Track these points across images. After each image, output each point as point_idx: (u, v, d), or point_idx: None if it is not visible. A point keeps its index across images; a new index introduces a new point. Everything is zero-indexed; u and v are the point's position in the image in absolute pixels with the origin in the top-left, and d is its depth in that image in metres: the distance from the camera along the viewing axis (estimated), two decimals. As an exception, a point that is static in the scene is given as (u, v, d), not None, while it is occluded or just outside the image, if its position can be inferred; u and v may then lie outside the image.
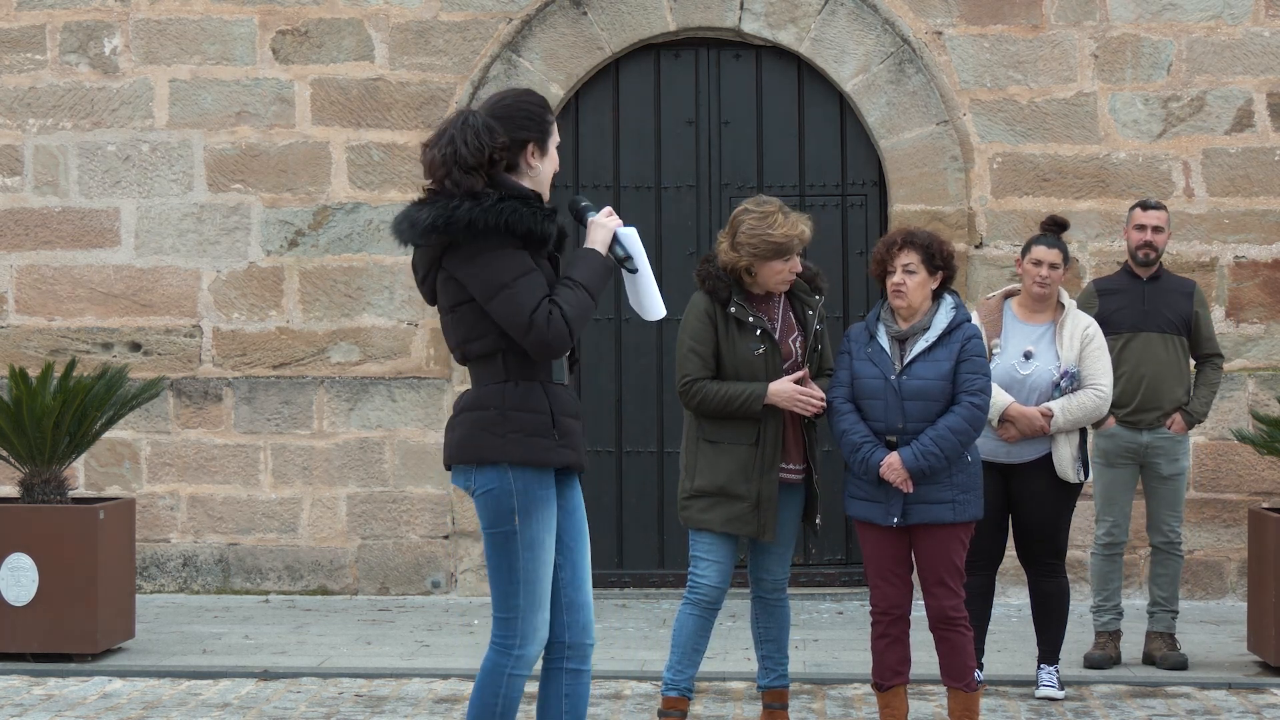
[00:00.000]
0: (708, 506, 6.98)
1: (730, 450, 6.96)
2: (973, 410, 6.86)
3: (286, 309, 11.14)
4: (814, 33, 10.99)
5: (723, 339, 6.99)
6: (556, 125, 5.49)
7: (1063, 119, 10.92)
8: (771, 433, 6.96)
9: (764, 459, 6.96)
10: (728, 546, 7.05)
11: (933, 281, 6.97)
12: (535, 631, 5.36)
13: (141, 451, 11.13)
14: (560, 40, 11.04)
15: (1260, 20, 10.88)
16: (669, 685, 7.12)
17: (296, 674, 8.66)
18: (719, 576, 7.04)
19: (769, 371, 6.97)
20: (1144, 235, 8.97)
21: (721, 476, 6.94)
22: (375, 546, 11.06)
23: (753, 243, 6.93)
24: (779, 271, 6.99)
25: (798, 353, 7.05)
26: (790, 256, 6.97)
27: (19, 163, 11.21)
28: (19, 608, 8.85)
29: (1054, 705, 8.03)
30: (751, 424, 6.95)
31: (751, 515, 6.95)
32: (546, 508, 5.35)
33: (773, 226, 6.94)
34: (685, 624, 7.10)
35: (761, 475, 6.95)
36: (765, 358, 6.97)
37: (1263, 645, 8.72)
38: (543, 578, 5.34)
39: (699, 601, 7.06)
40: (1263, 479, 10.76)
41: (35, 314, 11.21)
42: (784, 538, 7.13)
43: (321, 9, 11.12)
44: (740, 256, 6.96)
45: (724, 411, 6.94)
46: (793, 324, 7.10)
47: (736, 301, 6.98)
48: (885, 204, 11.08)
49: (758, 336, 6.98)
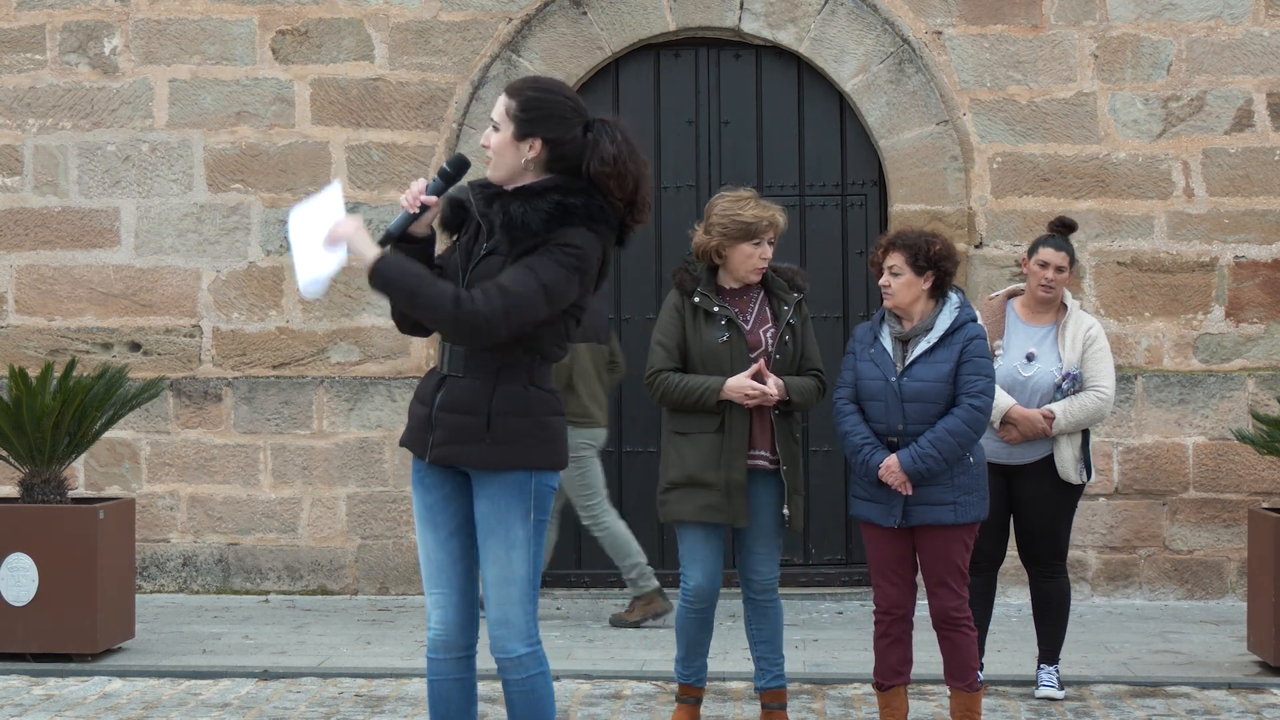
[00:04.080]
0: (681, 497, 7.07)
1: (697, 439, 7.05)
2: (972, 412, 6.85)
3: (286, 309, 11.13)
4: (814, 32, 10.99)
5: (690, 330, 7.11)
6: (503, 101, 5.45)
7: (1063, 119, 10.92)
8: (737, 421, 7.04)
9: (730, 446, 7.03)
10: (711, 544, 7.11)
11: (923, 282, 6.96)
12: (429, 613, 5.45)
13: (141, 451, 11.13)
14: (560, 40, 11.05)
15: (1260, 20, 10.88)
16: (681, 675, 7.27)
17: (296, 674, 8.66)
18: (704, 576, 7.11)
19: (734, 359, 7.05)
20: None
21: (690, 466, 7.04)
22: (375, 546, 11.05)
23: (723, 223, 7.07)
24: (749, 256, 7.08)
25: (768, 343, 7.10)
26: (760, 240, 7.08)
27: (19, 163, 11.21)
28: (19, 608, 8.84)
29: (1054, 705, 8.03)
30: (714, 413, 7.04)
31: (724, 503, 7.02)
32: (414, 491, 5.49)
33: (744, 209, 7.09)
34: (685, 623, 7.21)
35: (729, 462, 7.03)
36: (730, 345, 7.06)
37: (1263, 645, 8.72)
38: (421, 560, 5.46)
39: (690, 604, 7.16)
40: (1263, 479, 10.76)
41: (35, 314, 11.21)
42: (766, 535, 7.15)
43: (321, 9, 11.12)
44: (711, 238, 7.10)
45: (684, 404, 7.06)
46: (767, 317, 7.18)
47: (701, 292, 7.11)
48: (885, 204, 11.08)
49: (722, 325, 7.08)
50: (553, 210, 5.28)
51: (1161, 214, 10.89)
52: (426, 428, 5.39)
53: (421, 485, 5.46)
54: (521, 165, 5.35)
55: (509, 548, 5.35)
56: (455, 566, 5.44)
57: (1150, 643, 9.48)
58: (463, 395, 5.36)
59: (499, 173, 5.38)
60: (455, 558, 5.44)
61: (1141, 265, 10.90)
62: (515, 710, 5.44)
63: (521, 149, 5.34)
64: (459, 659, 5.46)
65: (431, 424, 5.38)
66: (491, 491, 5.35)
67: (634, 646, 9.38)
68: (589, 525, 10.11)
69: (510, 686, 5.42)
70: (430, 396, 5.41)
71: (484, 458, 5.32)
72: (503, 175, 5.37)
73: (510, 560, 5.35)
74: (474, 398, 5.34)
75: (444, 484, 5.44)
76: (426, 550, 5.45)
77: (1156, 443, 10.87)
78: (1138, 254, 10.90)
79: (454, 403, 5.35)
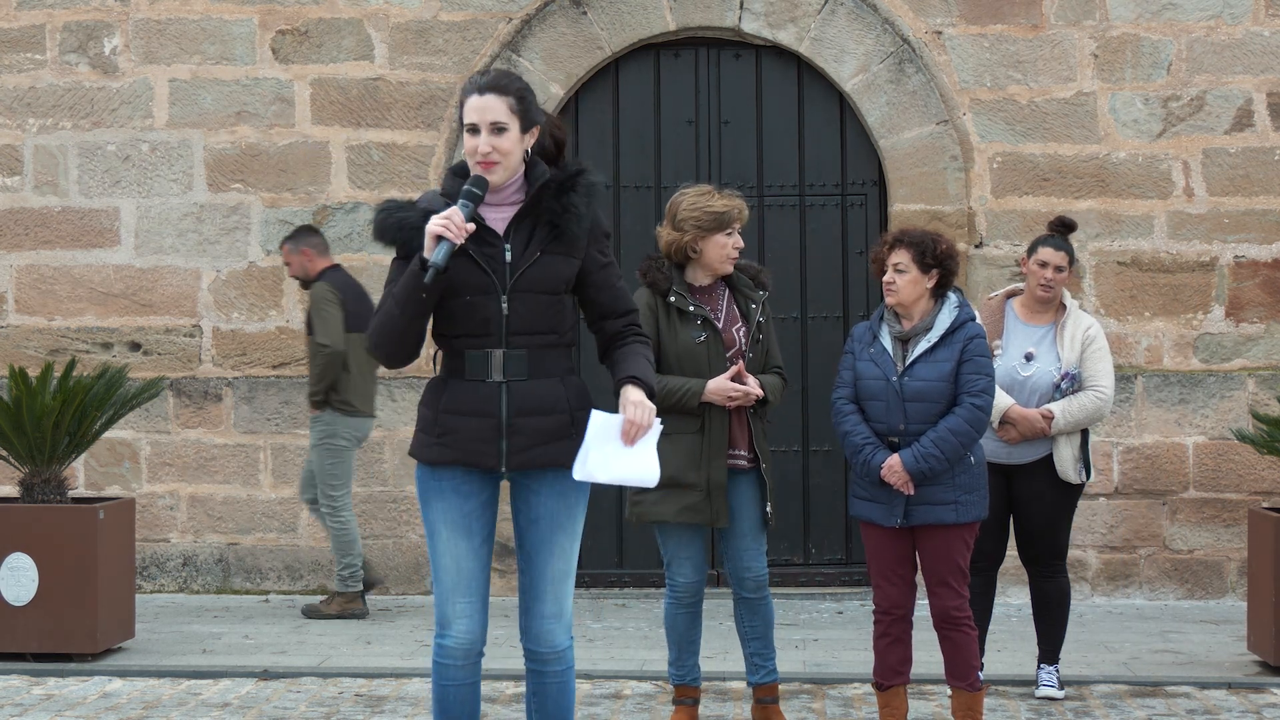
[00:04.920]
0: (660, 499, 7.05)
1: (677, 440, 6.99)
2: (974, 411, 6.85)
3: (286, 309, 11.14)
4: (814, 32, 10.99)
5: (664, 330, 7.09)
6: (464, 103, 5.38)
7: (1063, 119, 10.92)
8: (717, 420, 7.05)
9: (711, 446, 7.03)
10: (697, 540, 7.14)
11: (927, 280, 6.97)
12: (450, 621, 5.38)
13: (141, 451, 11.13)
14: (560, 40, 11.05)
15: (1260, 20, 10.88)
16: (675, 677, 7.26)
17: (296, 674, 8.66)
18: (694, 571, 7.14)
19: (710, 359, 7.05)
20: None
21: (671, 466, 6.98)
22: (375, 546, 11.05)
23: (694, 216, 7.07)
24: (723, 246, 7.10)
25: (742, 341, 7.11)
26: (731, 230, 7.10)
27: (19, 163, 11.21)
28: (19, 608, 8.85)
29: (1054, 705, 8.03)
30: (694, 414, 7.04)
31: (704, 503, 7.02)
32: (440, 499, 5.37)
33: (711, 200, 7.11)
34: (674, 622, 7.22)
35: (710, 462, 7.03)
36: (707, 345, 7.06)
37: (1263, 645, 8.72)
38: (445, 568, 5.37)
39: (680, 600, 7.17)
40: (1263, 479, 10.76)
41: (35, 314, 11.21)
42: (752, 531, 7.17)
43: (321, 9, 11.12)
44: (684, 234, 7.08)
45: (663, 405, 6.98)
46: (736, 316, 7.19)
47: (676, 291, 7.08)
48: (885, 204, 11.08)
49: (699, 325, 7.07)
50: (589, 193, 5.34)
51: (1161, 214, 10.89)
52: (495, 437, 5.31)
53: (457, 494, 5.37)
54: (523, 159, 5.36)
55: (572, 541, 5.39)
56: (483, 574, 5.42)
57: (1150, 642, 9.48)
58: (540, 398, 5.32)
59: (505, 173, 5.33)
60: (484, 565, 5.42)
61: (1141, 265, 10.90)
62: (549, 702, 5.43)
63: (526, 141, 5.36)
64: (474, 664, 5.46)
65: (502, 432, 5.31)
66: (563, 487, 5.36)
67: (634, 646, 9.38)
68: (326, 514, 10.28)
69: (548, 679, 5.43)
70: (492, 406, 5.29)
71: (571, 454, 5.31)
72: (507, 176, 5.34)
73: (571, 553, 5.40)
74: (552, 398, 5.31)
75: (484, 490, 5.40)
76: (456, 559, 5.37)
77: (1156, 442, 10.87)
78: (1138, 254, 10.91)
79: (532, 407, 5.29)
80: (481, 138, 5.28)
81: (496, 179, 5.31)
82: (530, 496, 5.39)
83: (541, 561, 5.38)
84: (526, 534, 5.39)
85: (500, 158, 5.29)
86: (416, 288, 5.21)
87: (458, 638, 5.38)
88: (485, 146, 5.28)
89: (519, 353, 5.30)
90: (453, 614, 5.38)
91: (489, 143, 5.28)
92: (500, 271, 5.29)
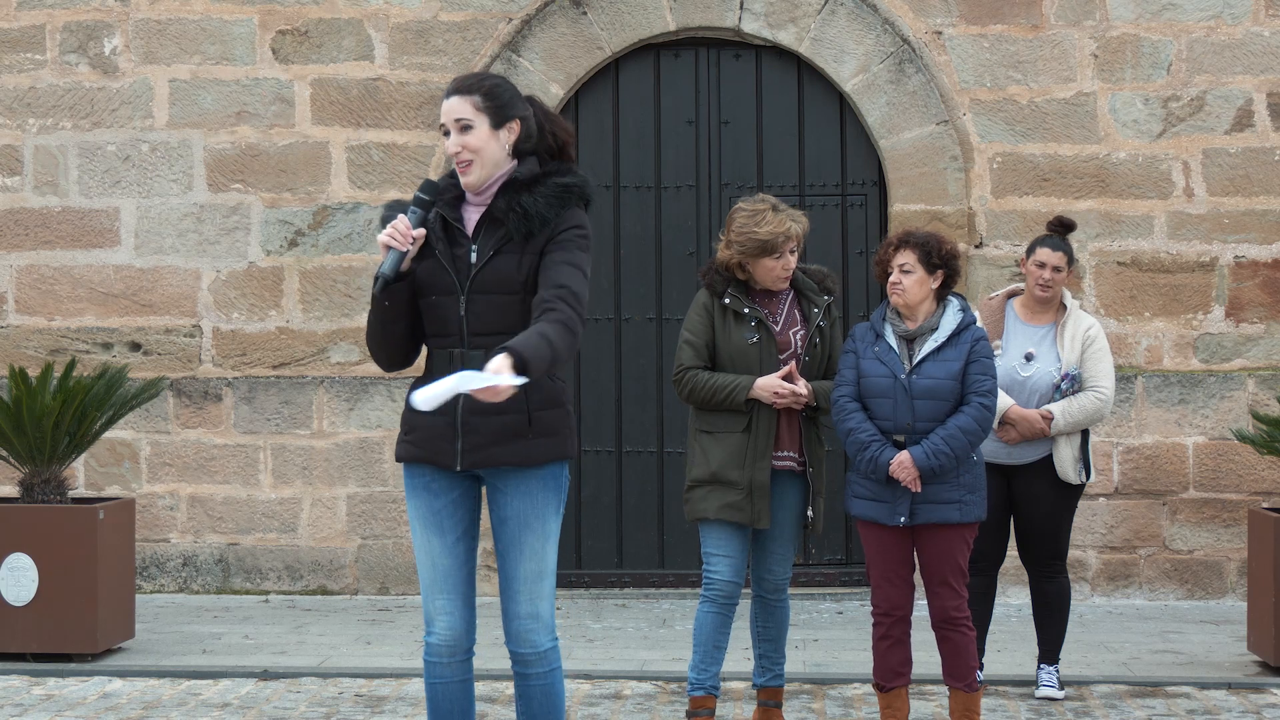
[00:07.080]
0: (704, 495, 7.06)
1: (723, 439, 7.04)
2: (982, 410, 6.87)
3: (286, 309, 11.14)
4: (814, 33, 10.99)
5: (719, 330, 7.10)
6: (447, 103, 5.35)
7: (1063, 119, 10.92)
8: (764, 421, 7.03)
9: (755, 446, 7.02)
10: (737, 540, 7.08)
11: (932, 280, 6.98)
12: (431, 618, 5.42)
13: (141, 451, 11.13)
14: (560, 40, 11.05)
15: (1260, 20, 10.88)
16: (694, 685, 7.16)
17: (296, 674, 8.66)
18: (732, 571, 7.08)
19: (763, 359, 7.05)
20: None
21: (714, 464, 7.03)
22: (375, 546, 11.06)
23: (741, 240, 7.06)
24: (771, 269, 7.09)
25: (797, 344, 7.10)
26: (780, 254, 7.06)
27: (19, 163, 11.21)
28: (19, 608, 8.85)
29: (1054, 705, 8.03)
30: (742, 413, 7.02)
31: (745, 502, 7.00)
32: (414, 497, 5.42)
33: (760, 224, 7.04)
34: (704, 622, 7.13)
35: (753, 462, 7.01)
36: (760, 346, 7.06)
37: (1263, 645, 8.72)
38: (423, 565, 5.41)
39: (714, 598, 7.09)
40: (1263, 479, 10.76)
41: (35, 314, 11.21)
42: (785, 535, 7.15)
43: (321, 9, 11.12)
44: (733, 254, 7.09)
45: (711, 401, 7.04)
46: (797, 319, 7.17)
47: (732, 294, 7.10)
48: (885, 204, 11.08)
49: (752, 326, 7.07)
50: (557, 194, 5.30)
51: (1161, 214, 10.89)
52: (450, 436, 5.32)
53: (428, 491, 5.40)
54: (504, 155, 5.33)
55: (544, 541, 5.37)
56: (461, 571, 5.42)
57: (1150, 643, 9.48)
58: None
59: (484, 171, 5.31)
60: (461, 562, 5.43)
61: (1141, 265, 10.90)
62: (533, 705, 5.42)
63: (502, 137, 5.32)
64: (462, 661, 5.46)
65: (457, 431, 5.31)
66: (528, 487, 5.35)
67: (634, 646, 9.38)
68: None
69: (530, 681, 5.42)
70: (447, 405, 5.23)
71: (528, 454, 5.30)
72: (486, 174, 5.32)
73: (544, 554, 5.37)
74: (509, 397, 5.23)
75: (454, 488, 5.41)
76: (431, 556, 5.41)
77: (1156, 443, 10.87)
78: (1138, 254, 10.91)
79: (486, 406, 5.23)
80: (451, 138, 5.32)
81: (472, 179, 5.32)
82: (498, 496, 5.38)
83: (512, 562, 5.38)
84: (498, 534, 5.40)
85: (471, 155, 5.30)
86: (374, 296, 5.36)
87: (440, 634, 5.41)
88: (454, 146, 5.31)
89: (478, 353, 5.28)
90: (434, 611, 5.42)
91: (458, 141, 5.30)
92: (463, 272, 5.33)
